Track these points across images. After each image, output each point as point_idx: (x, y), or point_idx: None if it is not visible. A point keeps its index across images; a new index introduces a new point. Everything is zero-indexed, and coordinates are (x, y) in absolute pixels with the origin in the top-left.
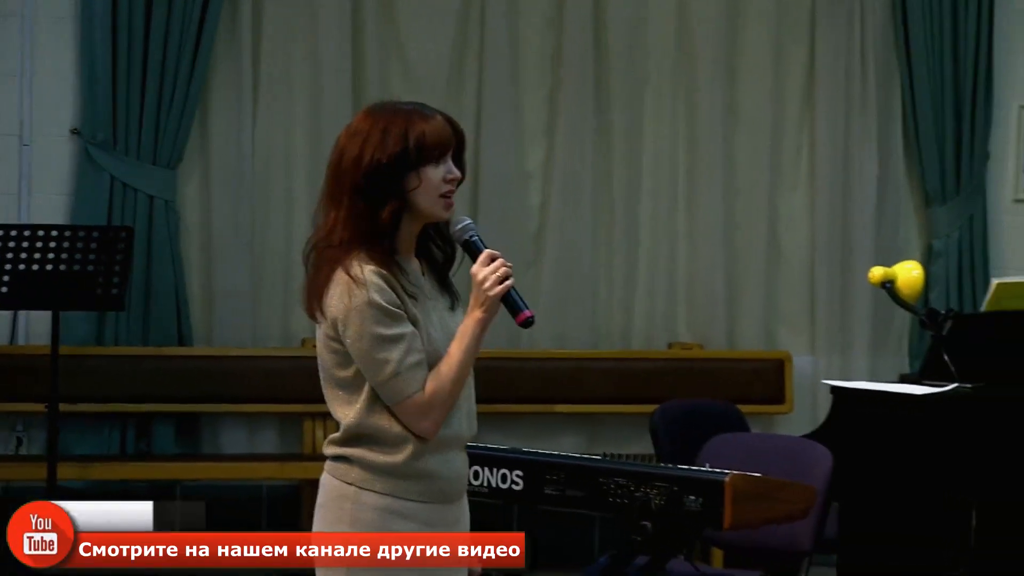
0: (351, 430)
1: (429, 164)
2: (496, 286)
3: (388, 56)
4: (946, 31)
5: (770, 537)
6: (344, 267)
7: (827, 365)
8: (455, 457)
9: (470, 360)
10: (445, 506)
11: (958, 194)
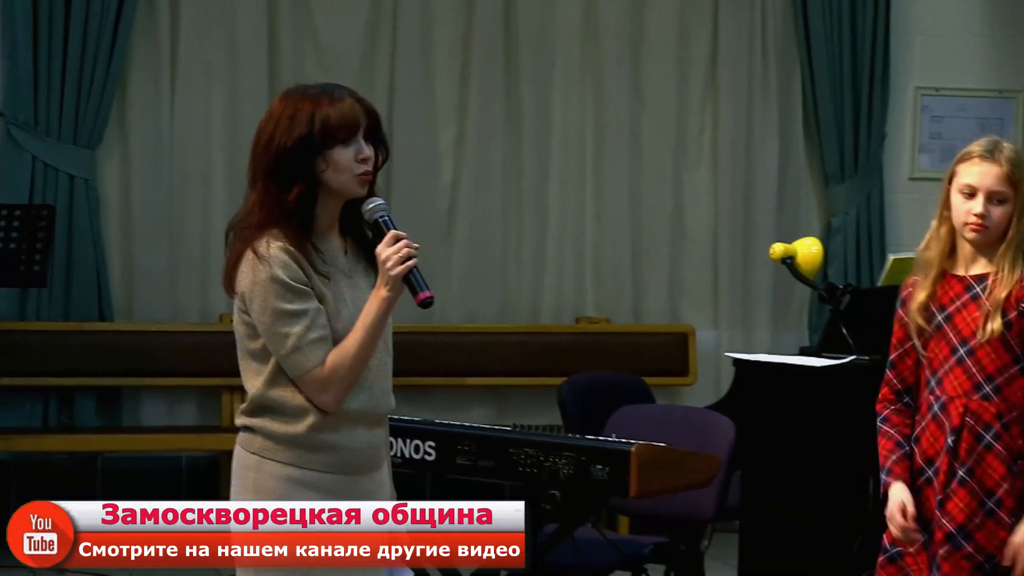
0: (256, 401)
1: (337, 146)
2: (398, 266)
3: (302, 40)
4: (844, 16)
5: (675, 505)
6: (253, 245)
7: (730, 338)
8: (363, 430)
9: (373, 337)
10: (353, 477)
11: (856, 173)
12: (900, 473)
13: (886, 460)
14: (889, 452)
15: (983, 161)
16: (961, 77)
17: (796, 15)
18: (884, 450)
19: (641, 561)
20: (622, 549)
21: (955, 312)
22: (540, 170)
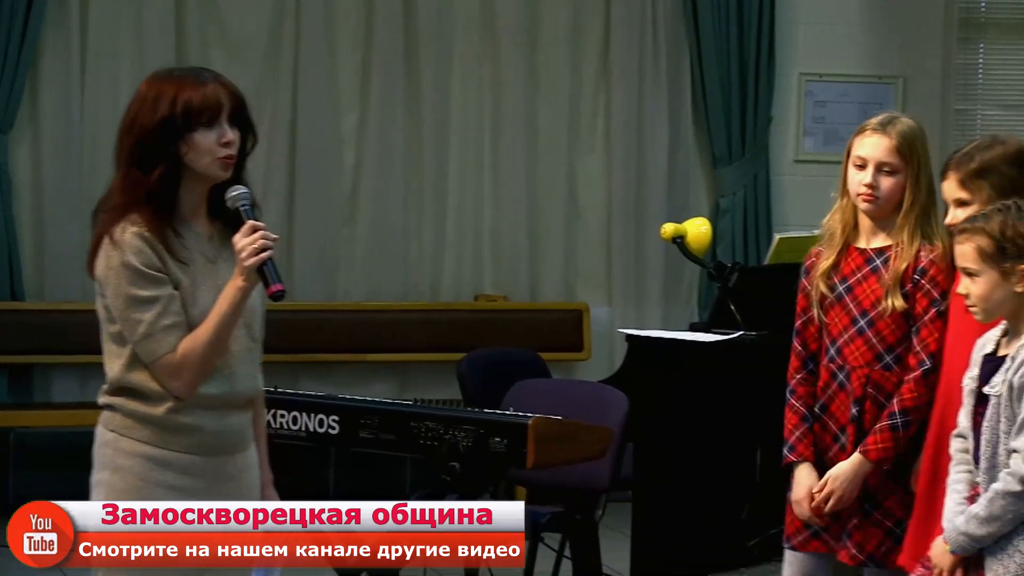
0: (115, 383)
1: (199, 129)
2: (252, 257)
3: (208, 25)
4: (731, 5)
5: (570, 476)
6: (110, 231)
7: (622, 315)
8: (224, 414)
9: (227, 325)
10: (215, 458)
11: (743, 156)
12: (803, 451)
13: (790, 435)
14: (794, 427)
15: (874, 133)
16: (843, 63)
17: (685, 4)
18: (789, 424)
19: (538, 530)
20: None
21: (855, 284)
22: (440, 154)
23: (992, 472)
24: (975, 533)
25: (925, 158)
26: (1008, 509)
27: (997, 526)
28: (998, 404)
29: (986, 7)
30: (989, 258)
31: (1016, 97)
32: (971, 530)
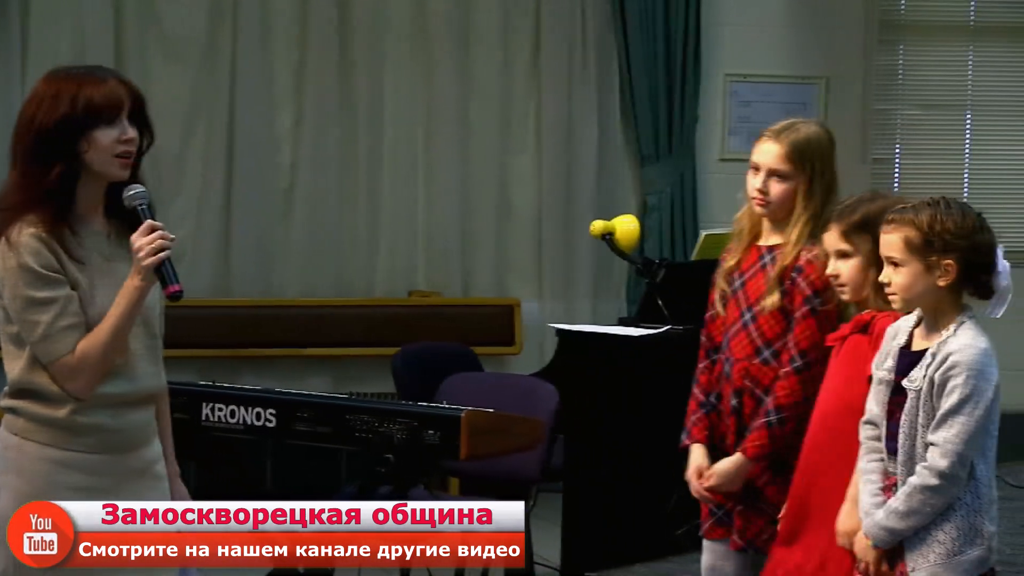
0: (16, 385)
1: (99, 127)
2: (149, 256)
3: (147, 27)
4: (658, 8)
5: (502, 467)
6: (6, 232)
7: (553, 310)
8: (126, 412)
9: (125, 324)
10: (119, 456)
11: (670, 154)
12: (697, 435)
13: (687, 420)
14: (691, 412)
15: (767, 140)
16: (767, 64)
17: (613, 6)
18: (688, 410)
19: None
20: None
21: (748, 279)
22: (374, 153)
23: (910, 464)
24: (895, 527)
25: (822, 165)
26: (927, 503)
27: (916, 519)
28: (917, 398)
29: (905, 9)
30: (915, 249)
31: (935, 97)
32: (891, 524)
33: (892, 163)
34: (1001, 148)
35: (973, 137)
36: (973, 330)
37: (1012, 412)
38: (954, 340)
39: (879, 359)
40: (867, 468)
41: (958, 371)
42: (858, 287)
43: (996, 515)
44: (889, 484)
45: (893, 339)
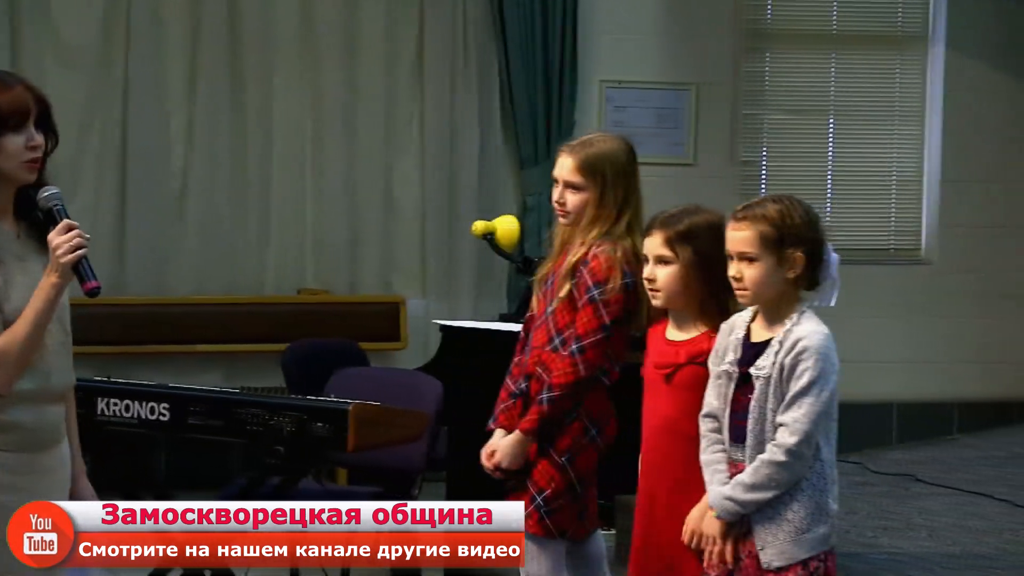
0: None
1: (7, 134)
2: (68, 255)
3: (42, 33)
4: (536, 17)
5: (388, 457)
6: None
7: (436, 306)
8: (42, 408)
9: (42, 321)
10: (35, 454)
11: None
12: (502, 420)
13: (496, 407)
14: (501, 401)
15: (563, 155)
16: (641, 71)
17: (494, 15)
18: (499, 398)
19: None
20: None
21: (557, 277)
22: (264, 156)
23: (760, 448)
24: (740, 498)
25: (616, 177)
26: (772, 478)
27: (761, 493)
28: (767, 384)
29: (771, 18)
30: (769, 244)
31: (799, 102)
32: (737, 495)
33: (759, 165)
34: (862, 150)
35: (836, 140)
36: (814, 319)
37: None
38: (799, 328)
39: (717, 355)
40: (711, 459)
41: (807, 355)
42: (672, 295)
43: (838, 495)
44: (735, 472)
45: (730, 334)
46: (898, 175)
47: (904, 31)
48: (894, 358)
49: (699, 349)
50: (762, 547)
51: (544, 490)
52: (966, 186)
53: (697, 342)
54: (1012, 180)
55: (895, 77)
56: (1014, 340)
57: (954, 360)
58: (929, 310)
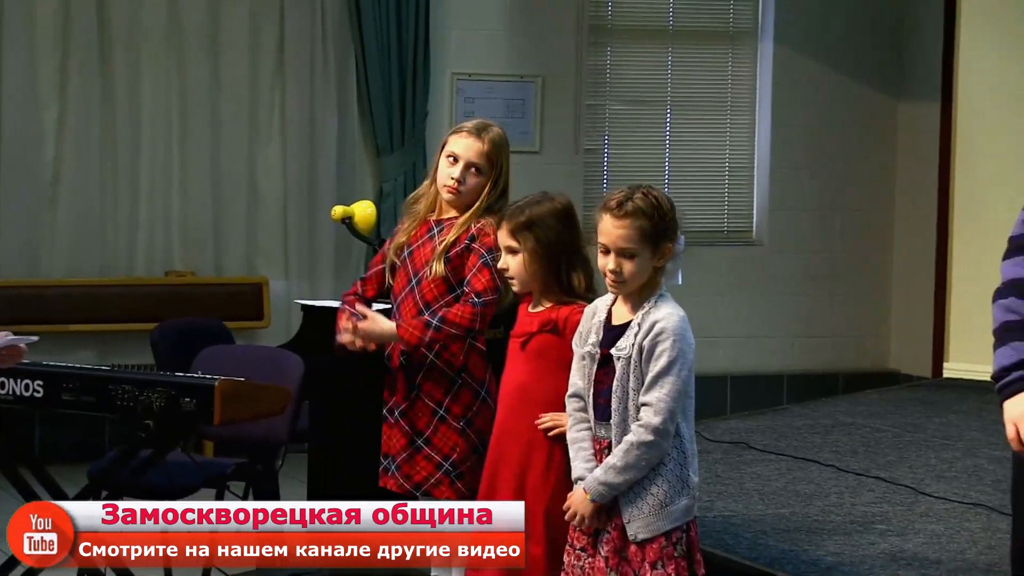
0: None
1: None
2: None
3: None
4: (391, 12)
5: (254, 430)
6: None
7: (298, 287)
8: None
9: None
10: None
11: (403, 146)
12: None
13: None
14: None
15: (469, 136)
16: (490, 64)
17: (351, 10)
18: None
19: (224, 479)
20: (207, 470)
21: (416, 249)
22: (133, 145)
23: (624, 426)
24: (613, 481)
25: (506, 165)
26: (642, 458)
27: (633, 474)
28: (628, 365)
29: (612, 15)
30: (648, 237)
31: (638, 94)
32: (609, 479)
33: (601, 153)
34: (697, 139)
35: (672, 130)
36: (671, 302)
37: (708, 374)
38: (656, 311)
39: (581, 337)
40: (577, 437)
41: (665, 336)
42: (523, 280)
43: (698, 467)
44: (600, 448)
45: (593, 318)
46: (731, 162)
47: (736, 27)
48: (728, 334)
49: (549, 318)
50: (628, 520)
51: (449, 456)
52: (793, 172)
53: (547, 313)
54: (835, 166)
55: (727, 70)
56: (839, 315)
57: (784, 335)
58: (760, 288)
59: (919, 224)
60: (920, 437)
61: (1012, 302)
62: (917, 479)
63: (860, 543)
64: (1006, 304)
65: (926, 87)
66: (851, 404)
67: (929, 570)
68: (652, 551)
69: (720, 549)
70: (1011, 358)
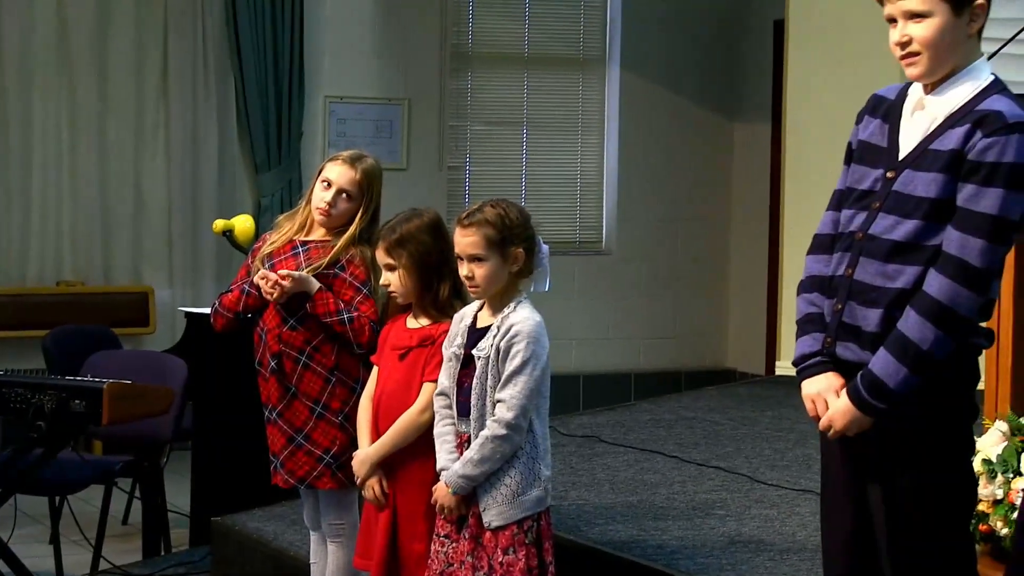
0: None
1: None
2: None
3: None
4: (268, 39)
5: (141, 429)
6: None
7: (182, 295)
8: None
9: None
10: None
11: (280, 164)
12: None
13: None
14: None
15: (344, 164)
16: (360, 88)
17: (230, 36)
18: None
19: (112, 476)
20: (97, 467)
21: (278, 262)
22: (24, 161)
23: (482, 421)
24: (471, 474)
25: (378, 194)
26: (496, 450)
27: (488, 465)
28: (486, 364)
29: (472, 43)
30: (494, 245)
31: (497, 115)
32: (467, 471)
33: (464, 170)
34: (551, 157)
35: (528, 149)
36: (529, 307)
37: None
38: (514, 315)
39: (449, 339)
40: (442, 432)
41: (520, 339)
42: (404, 293)
43: (551, 462)
44: (461, 442)
45: (460, 322)
46: (582, 178)
47: (585, 55)
48: (581, 336)
49: (427, 335)
50: (484, 509)
51: (330, 449)
52: (639, 187)
53: (426, 330)
54: (676, 182)
55: (578, 94)
56: (681, 319)
57: (631, 337)
58: (610, 294)
59: (753, 235)
60: (755, 430)
61: (815, 297)
62: (752, 468)
63: (701, 527)
64: (809, 298)
65: (758, 110)
66: (692, 400)
67: (763, 551)
68: (504, 538)
69: (573, 535)
70: (811, 347)
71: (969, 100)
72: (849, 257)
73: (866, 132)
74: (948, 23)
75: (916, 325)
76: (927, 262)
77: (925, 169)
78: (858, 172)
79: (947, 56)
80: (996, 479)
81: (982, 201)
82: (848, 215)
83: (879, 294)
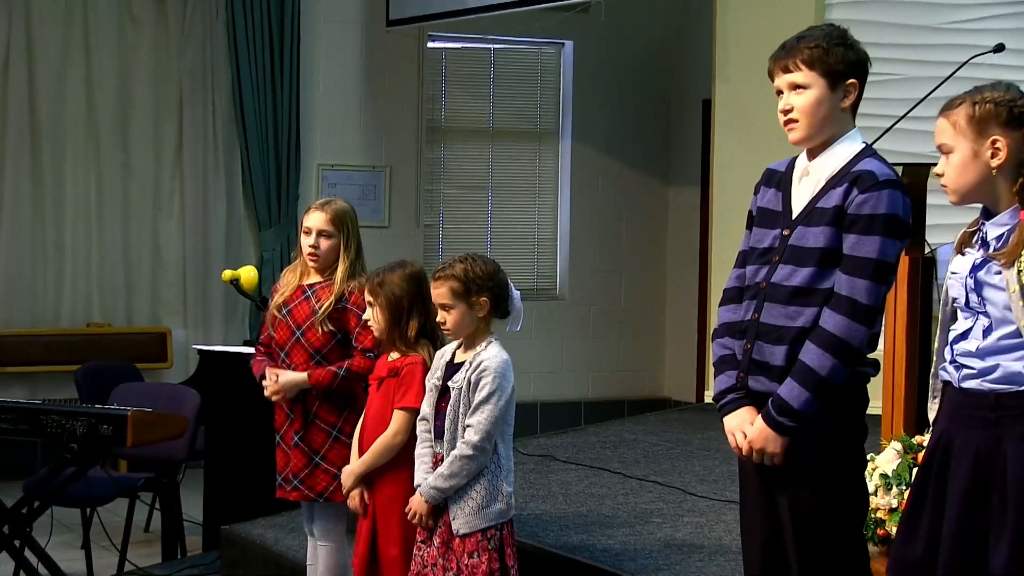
0: None
1: None
2: None
3: None
4: (269, 114)
5: (159, 450)
6: None
7: (195, 335)
8: None
9: None
10: None
11: (279, 222)
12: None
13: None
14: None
15: (316, 210)
16: (347, 156)
17: (236, 113)
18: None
19: (135, 490)
20: (121, 483)
21: (294, 308)
22: (58, 220)
23: (454, 442)
24: (441, 487)
25: (355, 230)
26: (463, 468)
27: (457, 480)
28: (459, 394)
29: (445, 118)
30: (460, 295)
31: (466, 181)
32: (439, 484)
33: (437, 228)
34: (512, 216)
35: (493, 209)
36: (497, 346)
37: (522, 402)
38: (484, 352)
39: (431, 373)
40: (421, 453)
41: (487, 373)
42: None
43: (513, 480)
44: (436, 461)
45: (441, 358)
46: (539, 234)
47: (541, 128)
48: (538, 369)
49: (395, 367)
50: (453, 518)
51: (341, 466)
52: (587, 242)
53: (395, 363)
54: (619, 237)
55: (536, 162)
56: (623, 355)
57: (582, 370)
58: (563, 333)
59: (685, 283)
60: (687, 449)
61: (727, 341)
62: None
63: (641, 533)
64: (722, 343)
65: (689, 177)
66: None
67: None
68: (470, 543)
69: (533, 540)
70: (727, 383)
71: (846, 163)
72: (755, 304)
73: (764, 200)
74: (824, 96)
75: (816, 356)
76: (822, 303)
77: (814, 224)
78: (759, 234)
79: (822, 124)
80: (892, 491)
81: (864, 247)
82: (752, 270)
83: (783, 333)
